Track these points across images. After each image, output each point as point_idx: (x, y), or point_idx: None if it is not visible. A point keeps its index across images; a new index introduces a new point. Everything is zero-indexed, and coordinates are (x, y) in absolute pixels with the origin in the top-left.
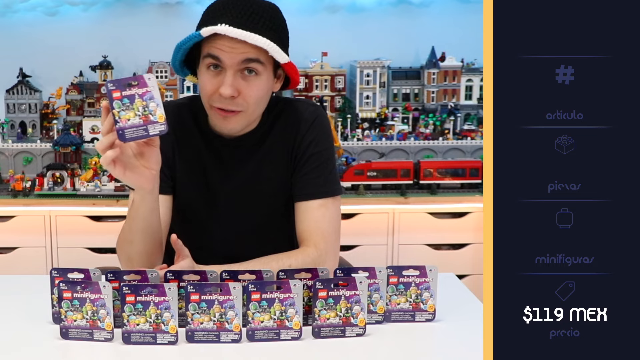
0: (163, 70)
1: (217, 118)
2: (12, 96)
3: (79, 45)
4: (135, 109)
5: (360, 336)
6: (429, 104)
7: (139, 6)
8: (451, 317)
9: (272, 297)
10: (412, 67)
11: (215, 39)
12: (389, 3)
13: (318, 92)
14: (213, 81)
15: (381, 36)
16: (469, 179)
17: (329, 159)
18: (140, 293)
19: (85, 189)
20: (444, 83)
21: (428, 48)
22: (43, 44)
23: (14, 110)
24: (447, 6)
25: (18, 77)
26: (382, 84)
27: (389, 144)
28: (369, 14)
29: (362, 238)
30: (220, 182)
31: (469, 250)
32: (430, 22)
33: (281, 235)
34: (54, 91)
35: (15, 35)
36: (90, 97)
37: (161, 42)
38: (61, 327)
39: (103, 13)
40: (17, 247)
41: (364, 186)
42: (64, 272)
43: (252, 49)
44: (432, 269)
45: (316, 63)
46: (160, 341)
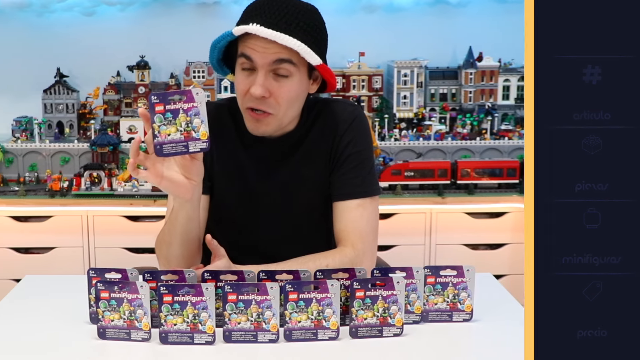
0: (200, 70)
1: (249, 120)
2: (50, 96)
3: (116, 45)
4: (178, 124)
5: (397, 336)
6: (467, 104)
7: (176, 6)
8: (489, 317)
9: (310, 297)
10: (449, 67)
11: (249, 39)
12: (426, 3)
13: (355, 92)
14: (246, 81)
15: (419, 36)
16: (507, 179)
17: (368, 159)
18: (177, 293)
19: (122, 189)
20: (482, 83)
21: (465, 48)
22: (80, 44)
23: (51, 110)
24: (485, 6)
25: (55, 77)
26: (420, 84)
27: (427, 144)
28: (407, 13)
29: (400, 238)
30: (258, 182)
31: (507, 250)
32: (467, 22)
33: (319, 235)
34: (91, 91)
35: (53, 35)
36: (128, 97)
37: (198, 42)
38: (98, 327)
39: (140, 13)
40: (55, 247)
41: (401, 186)
42: (101, 272)
43: (284, 49)
44: (470, 269)
45: (353, 63)
46: (198, 341)
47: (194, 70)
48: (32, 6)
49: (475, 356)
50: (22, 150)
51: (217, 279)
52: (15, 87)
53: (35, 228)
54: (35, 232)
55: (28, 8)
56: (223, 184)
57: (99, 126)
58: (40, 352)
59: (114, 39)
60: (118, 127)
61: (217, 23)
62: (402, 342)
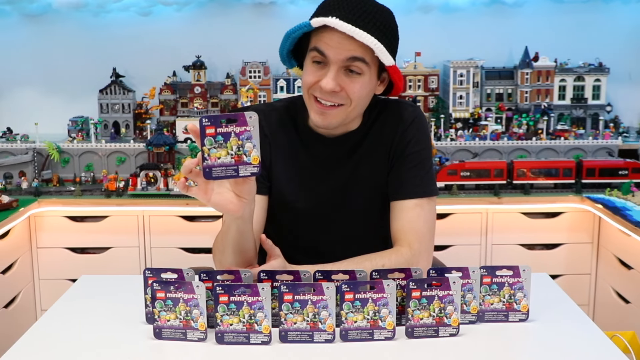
0: (256, 70)
1: (315, 111)
2: (106, 96)
3: (172, 45)
4: (229, 147)
5: (453, 336)
6: (522, 104)
7: (233, 6)
8: (544, 317)
9: (366, 297)
10: (505, 67)
11: (324, 33)
12: (482, 3)
13: (411, 92)
14: (316, 74)
15: (474, 36)
16: (563, 179)
17: (427, 159)
18: (233, 293)
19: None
20: (537, 83)
21: (521, 48)
22: (136, 43)
23: (107, 110)
24: (541, 6)
25: (111, 77)
26: (476, 83)
27: (482, 143)
28: (462, 14)
29: (456, 238)
30: (318, 182)
31: (563, 250)
32: (523, 22)
33: (375, 234)
34: (147, 91)
35: (109, 35)
36: (184, 97)
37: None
38: (154, 327)
39: (196, 13)
40: (111, 247)
41: (457, 186)
42: (157, 272)
43: (358, 47)
44: (526, 269)
45: (409, 63)
46: (254, 341)
47: (250, 70)
48: (88, 6)
49: (531, 356)
50: (78, 150)
51: (273, 279)
52: (71, 87)
53: (91, 228)
54: (91, 232)
55: (84, 8)
56: (282, 184)
57: (155, 126)
58: (96, 352)
59: (170, 39)
60: (174, 127)
61: (274, 23)
62: (458, 342)
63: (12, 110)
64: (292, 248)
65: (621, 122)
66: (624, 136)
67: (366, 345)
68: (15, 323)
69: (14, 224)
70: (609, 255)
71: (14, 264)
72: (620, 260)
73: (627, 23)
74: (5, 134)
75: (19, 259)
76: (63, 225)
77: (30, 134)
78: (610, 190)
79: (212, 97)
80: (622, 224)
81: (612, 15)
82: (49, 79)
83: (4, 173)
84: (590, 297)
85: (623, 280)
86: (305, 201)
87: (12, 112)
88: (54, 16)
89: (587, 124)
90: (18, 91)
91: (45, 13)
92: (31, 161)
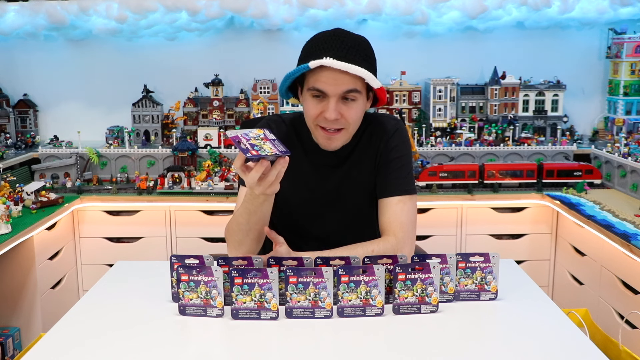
0: (265, 86)
1: (322, 137)
2: (138, 109)
3: (194, 65)
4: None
5: (433, 312)
6: (492, 115)
7: (245, 32)
8: (511, 297)
9: (359, 280)
10: (477, 84)
11: (320, 72)
12: (458, 30)
13: (397, 105)
14: (318, 106)
15: (451, 57)
16: (526, 179)
17: (407, 164)
18: (246, 276)
19: (199, 188)
20: (505, 97)
21: (491, 68)
22: (164, 64)
23: (139, 121)
24: (508, 32)
25: (142, 93)
26: (452, 98)
27: (458, 149)
28: (441, 39)
29: (435, 229)
30: (317, 183)
31: (526, 239)
32: (493, 46)
33: (366, 226)
34: (173, 104)
35: (140, 57)
36: (204, 109)
37: (264, 62)
38: (179, 305)
39: (215, 38)
40: (142, 237)
41: (436, 185)
42: (181, 258)
43: (351, 79)
44: (495, 255)
45: (396, 80)
46: (264, 317)
47: (260, 87)
48: (122, 32)
49: (499, 330)
50: (114, 154)
51: (280, 264)
52: (109, 101)
53: (126, 221)
54: (126, 224)
55: (119, 34)
56: (288, 185)
57: (180, 134)
58: (130, 327)
59: (192, 60)
60: (196, 135)
61: (280, 47)
62: (437, 317)
63: (58, 121)
64: (298, 236)
65: (576, 131)
66: (578, 143)
67: (359, 321)
68: (61, 302)
69: (60, 217)
70: (565, 244)
71: (60, 252)
72: (575, 248)
73: (581, 46)
74: (53, 141)
75: (64, 247)
76: (101, 218)
77: (74, 141)
78: (567, 188)
79: (229, 110)
80: (576, 217)
81: (568, 40)
82: (89, 94)
83: (52, 174)
84: (549, 279)
85: (577, 265)
86: (306, 199)
87: (58, 122)
88: (94, 41)
89: (547, 132)
90: (63, 105)
91: (86, 38)
92: (74, 164)
